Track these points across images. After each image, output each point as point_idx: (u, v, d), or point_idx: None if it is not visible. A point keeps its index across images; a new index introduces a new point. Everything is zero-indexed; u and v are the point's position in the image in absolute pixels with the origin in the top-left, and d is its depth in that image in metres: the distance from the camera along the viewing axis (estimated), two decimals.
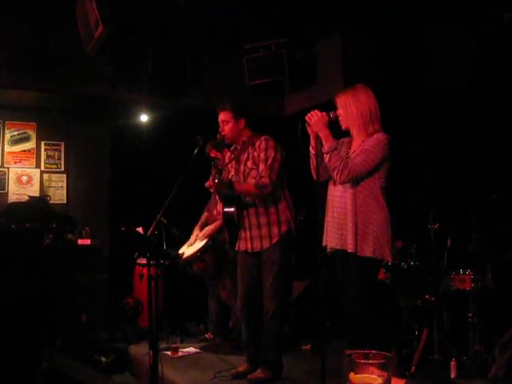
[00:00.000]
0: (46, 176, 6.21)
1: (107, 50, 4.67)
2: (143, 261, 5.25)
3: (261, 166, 3.60)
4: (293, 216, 3.72)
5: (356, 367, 1.53)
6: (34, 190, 6.09)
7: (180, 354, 4.44)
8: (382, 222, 2.96)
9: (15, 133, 6.10)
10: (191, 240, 4.94)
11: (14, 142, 6.09)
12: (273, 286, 3.59)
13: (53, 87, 5.25)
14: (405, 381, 1.59)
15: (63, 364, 3.50)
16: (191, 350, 4.63)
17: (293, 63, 5.53)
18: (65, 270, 5.13)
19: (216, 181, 3.49)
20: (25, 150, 6.13)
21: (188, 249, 4.80)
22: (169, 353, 4.40)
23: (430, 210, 4.21)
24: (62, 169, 6.28)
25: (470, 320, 3.87)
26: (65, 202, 6.24)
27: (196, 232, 4.98)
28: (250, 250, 3.69)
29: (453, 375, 3.55)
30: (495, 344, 3.52)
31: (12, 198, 5.98)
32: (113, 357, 4.62)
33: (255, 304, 3.68)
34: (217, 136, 3.77)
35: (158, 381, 3.01)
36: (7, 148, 6.04)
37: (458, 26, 4.33)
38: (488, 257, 3.98)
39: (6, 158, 6.02)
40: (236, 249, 3.80)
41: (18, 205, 5.79)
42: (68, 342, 4.68)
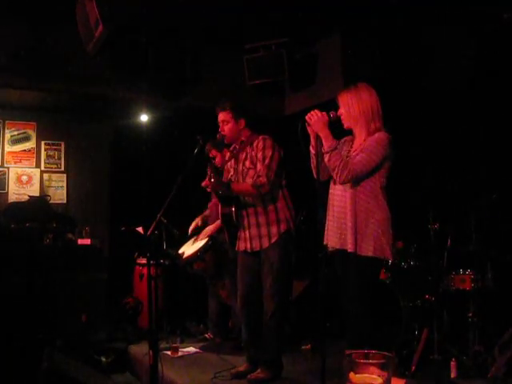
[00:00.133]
0: (46, 176, 6.21)
1: (107, 49, 4.67)
2: (143, 260, 5.25)
3: (258, 165, 3.60)
4: (292, 215, 3.71)
5: (356, 367, 1.53)
6: (34, 190, 6.09)
7: (180, 354, 4.44)
8: (383, 221, 2.95)
9: (15, 132, 6.10)
10: (191, 228, 4.96)
11: (14, 141, 6.09)
12: (272, 286, 3.59)
13: (53, 87, 5.26)
14: (405, 381, 1.59)
15: (63, 364, 3.50)
16: (191, 349, 4.63)
17: (293, 63, 5.53)
18: (65, 270, 5.13)
19: (212, 180, 3.48)
20: (25, 150, 6.13)
21: (188, 248, 4.80)
22: (169, 353, 4.40)
23: (430, 210, 4.21)
24: (62, 168, 6.28)
25: (469, 320, 3.87)
26: (65, 201, 6.24)
27: (195, 223, 5.00)
28: (249, 250, 3.68)
29: (453, 375, 3.55)
30: (495, 344, 3.52)
31: (12, 197, 5.98)
32: (113, 357, 4.63)
33: (255, 304, 3.67)
34: (217, 136, 3.77)
35: (157, 381, 3.00)
36: (7, 148, 6.04)
37: (458, 26, 4.33)
38: (488, 257, 3.98)
39: (6, 157, 6.02)
40: (236, 249, 3.80)
41: (18, 205, 5.79)
42: (68, 342, 4.68)
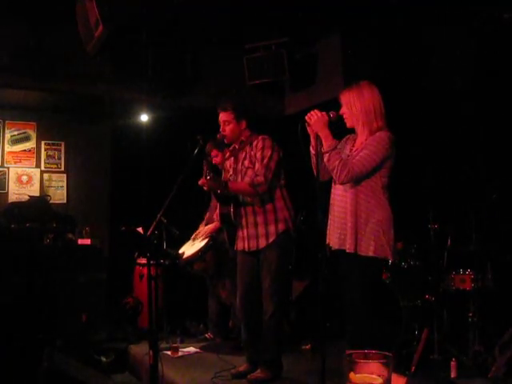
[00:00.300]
0: (46, 176, 6.20)
1: (107, 49, 4.67)
2: (143, 260, 5.25)
3: (257, 164, 3.60)
4: (291, 215, 3.71)
5: (356, 367, 1.52)
6: (34, 190, 6.09)
7: (180, 354, 4.44)
8: (384, 221, 2.93)
9: (15, 132, 6.10)
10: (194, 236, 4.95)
11: (14, 141, 6.09)
12: (271, 286, 3.59)
13: (53, 87, 5.25)
14: (406, 379, 1.59)
15: (63, 364, 3.50)
16: (191, 349, 4.63)
17: (293, 63, 5.53)
18: (65, 270, 5.12)
19: (208, 177, 3.48)
20: (25, 150, 6.13)
21: (188, 248, 4.80)
22: (169, 352, 4.40)
23: (430, 210, 4.21)
24: (62, 168, 6.28)
25: (470, 320, 3.87)
26: (65, 201, 6.23)
27: (201, 229, 4.99)
28: (246, 249, 3.68)
29: (453, 375, 3.55)
30: (495, 344, 3.52)
31: (12, 197, 5.97)
32: (113, 356, 4.63)
33: (254, 304, 3.67)
34: (217, 136, 3.77)
35: (158, 380, 3.00)
36: (7, 148, 6.04)
37: (457, 26, 4.33)
38: (488, 257, 3.98)
39: (6, 157, 6.02)
40: (234, 248, 3.80)
41: (18, 205, 5.78)
42: (68, 342, 4.68)
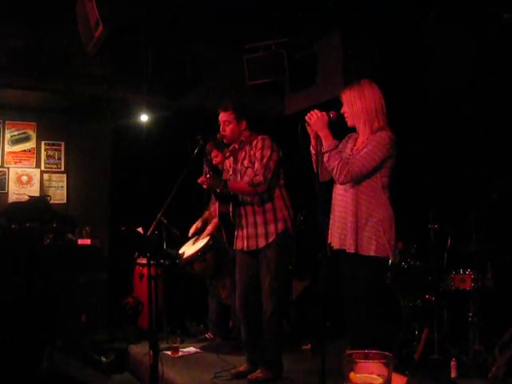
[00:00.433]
0: (46, 176, 6.21)
1: (107, 49, 4.67)
2: (143, 261, 5.25)
3: (256, 164, 3.60)
4: (290, 215, 3.71)
5: (356, 367, 1.52)
6: (34, 190, 6.10)
7: (180, 354, 4.44)
8: (385, 220, 2.92)
9: (15, 133, 6.10)
10: (191, 231, 4.95)
11: (14, 141, 6.09)
12: (270, 286, 3.59)
13: (53, 87, 5.26)
14: (406, 379, 1.59)
15: (63, 364, 3.50)
16: (191, 349, 4.63)
17: (293, 63, 5.53)
18: (65, 270, 5.13)
19: (207, 176, 3.48)
20: (25, 150, 6.13)
21: (189, 248, 4.80)
22: (169, 353, 4.40)
23: (430, 210, 4.21)
24: (62, 169, 6.28)
25: (470, 320, 3.87)
26: (65, 201, 6.24)
27: (195, 226, 4.99)
28: (245, 249, 3.68)
29: (453, 375, 3.55)
30: (495, 344, 3.52)
31: (12, 197, 5.98)
32: (113, 357, 4.63)
33: (254, 304, 3.67)
34: (217, 136, 3.77)
35: (158, 381, 3.00)
36: (7, 148, 6.05)
37: (458, 26, 4.33)
38: (488, 256, 3.97)
39: (6, 157, 6.03)
40: (234, 248, 3.80)
41: (18, 205, 5.79)
42: (68, 342, 4.68)
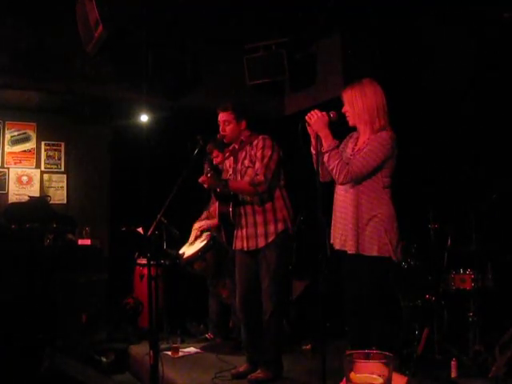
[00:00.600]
0: (46, 176, 6.20)
1: (107, 50, 4.67)
2: (143, 261, 5.25)
3: (257, 164, 3.60)
4: (290, 215, 3.71)
5: (356, 367, 1.52)
6: (34, 191, 6.09)
7: (180, 354, 4.44)
8: (387, 220, 2.92)
9: (15, 133, 6.10)
10: (191, 239, 4.93)
11: (14, 142, 6.09)
12: (270, 286, 3.59)
13: (53, 87, 5.25)
14: (407, 378, 1.58)
15: (63, 364, 3.50)
16: (191, 350, 4.63)
17: (293, 63, 5.53)
18: (65, 270, 5.13)
19: (209, 175, 3.48)
20: (25, 151, 6.13)
21: (189, 248, 4.80)
22: (169, 353, 4.40)
23: (430, 209, 4.21)
24: (62, 169, 6.28)
25: (470, 320, 3.87)
26: (65, 202, 6.24)
27: (195, 227, 4.99)
28: (245, 249, 3.68)
29: (453, 375, 3.55)
30: (495, 344, 3.52)
31: (12, 198, 5.97)
32: (113, 357, 4.63)
33: (254, 304, 3.68)
34: (217, 136, 3.77)
35: (158, 381, 3.00)
36: (7, 148, 6.04)
37: (458, 26, 4.33)
38: (488, 256, 3.97)
39: (6, 158, 6.02)
40: (233, 248, 3.80)
41: (18, 205, 5.79)
42: (68, 342, 4.68)
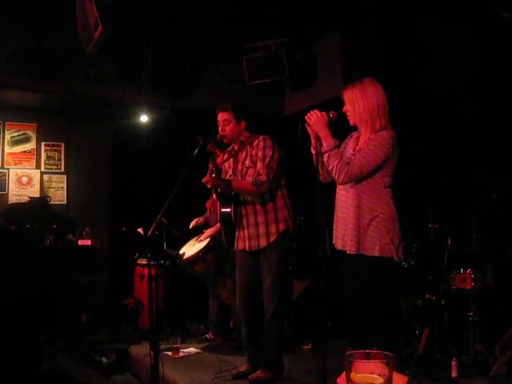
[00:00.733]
0: (46, 177, 6.20)
1: (107, 50, 4.67)
2: (144, 261, 5.25)
3: (258, 163, 3.60)
4: (291, 215, 3.72)
5: (357, 366, 1.52)
6: (34, 191, 6.09)
7: (181, 355, 4.44)
8: (388, 220, 2.91)
9: (15, 134, 6.10)
10: (192, 224, 4.96)
11: (14, 142, 6.09)
12: (272, 286, 3.60)
13: (53, 88, 5.25)
14: (407, 378, 1.58)
15: (64, 364, 3.50)
16: (192, 350, 4.63)
17: (292, 63, 5.54)
18: (65, 271, 5.13)
19: (213, 175, 3.49)
20: (25, 151, 6.13)
21: (189, 249, 4.80)
22: (170, 353, 4.40)
23: (430, 209, 4.21)
24: (62, 169, 6.28)
25: (470, 319, 3.87)
26: (65, 202, 6.23)
27: (196, 220, 5.01)
28: (247, 249, 3.69)
29: (454, 374, 3.55)
30: (496, 343, 3.52)
31: (12, 198, 5.97)
32: (113, 357, 4.63)
33: (255, 304, 3.68)
34: (217, 136, 3.77)
35: (158, 381, 3.00)
36: (7, 149, 6.04)
37: (458, 26, 4.33)
38: (488, 256, 3.98)
39: (6, 158, 6.02)
40: (234, 248, 3.80)
41: (18, 206, 5.79)
42: (68, 343, 4.68)
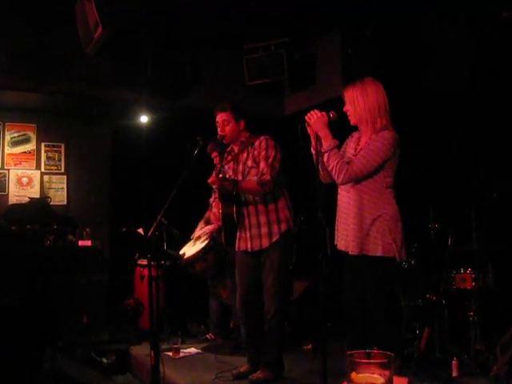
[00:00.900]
0: (46, 177, 6.20)
1: (107, 50, 4.67)
2: (144, 262, 5.25)
3: (261, 163, 3.60)
4: (292, 215, 3.73)
5: (358, 367, 1.53)
6: (35, 192, 6.09)
7: (181, 355, 4.44)
8: (390, 220, 2.91)
9: (15, 134, 6.10)
10: (195, 234, 4.94)
11: (14, 143, 6.09)
12: (273, 286, 3.59)
13: (53, 88, 5.25)
14: (407, 379, 1.59)
15: (64, 365, 3.50)
16: (192, 350, 4.63)
17: (292, 63, 5.53)
18: (65, 272, 5.13)
19: (220, 175, 3.49)
20: (25, 152, 6.13)
21: (189, 249, 4.80)
22: (170, 353, 4.40)
23: (431, 209, 4.21)
24: (63, 170, 6.28)
25: (471, 319, 3.88)
26: (65, 203, 6.23)
27: (200, 227, 5.00)
28: (250, 250, 3.68)
29: (454, 374, 3.55)
30: (496, 343, 3.52)
31: (12, 199, 5.97)
32: (114, 358, 4.63)
33: (255, 304, 3.68)
34: (217, 136, 3.77)
35: (159, 382, 3.00)
36: (7, 150, 6.04)
37: (457, 26, 4.33)
38: (489, 255, 3.98)
39: (6, 159, 6.02)
40: (236, 249, 3.79)
41: (18, 206, 5.79)
42: (69, 343, 4.68)
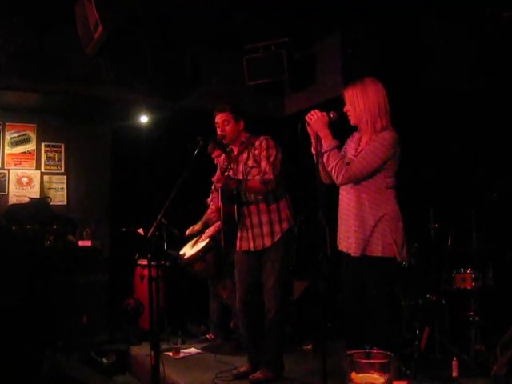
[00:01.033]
0: (46, 177, 6.20)
1: (107, 50, 4.67)
2: (144, 262, 5.25)
3: (263, 163, 3.60)
4: (292, 214, 3.73)
5: (357, 367, 1.52)
6: (35, 192, 6.09)
7: (181, 355, 4.44)
8: (391, 220, 2.91)
9: (15, 134, 6.10)
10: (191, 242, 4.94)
11: (14, 143, 6.09)
12: (274, 286, 3.60)
13: (53, 88, 5.25)
14: (407, 381, 1.58)
15: (64, 365, 3.50)
16: (192, 350, 4.63)
17: (292, 63, 5.53)
18: (65, 272, 5.13)
19: (226, 174, 3.49)
20: (25, 152, 6.13)
21: (189, 249, 4.80)
22: (170, 353, 4.40)
23: (431, 209, 4.21)
24: (63, 170, 6.28)
25: (471, 319, 3.88)
26: (65, 203, 6.23)
27: (192, 227, 5.00)
28: (252, 249, 3.69)
29: (454, 374, 3.55)
30: (496, 343, 3.52)
31: (12, 199, 5.97)
32: (114, 358, 4.63)
33: (256, 304, 3.68)
34: (216, 136, 3.77)
35: (159, 382, 3.00)
36: (7, 150, 6.04)
37: (458, 26, 4.33)
38: (489, 256, 3.98)
39: (6, 159, 6.02)
40: (237, 249, 3.79)
41: (18, 207, 5.79)
42: (69, 343, 4.68)
